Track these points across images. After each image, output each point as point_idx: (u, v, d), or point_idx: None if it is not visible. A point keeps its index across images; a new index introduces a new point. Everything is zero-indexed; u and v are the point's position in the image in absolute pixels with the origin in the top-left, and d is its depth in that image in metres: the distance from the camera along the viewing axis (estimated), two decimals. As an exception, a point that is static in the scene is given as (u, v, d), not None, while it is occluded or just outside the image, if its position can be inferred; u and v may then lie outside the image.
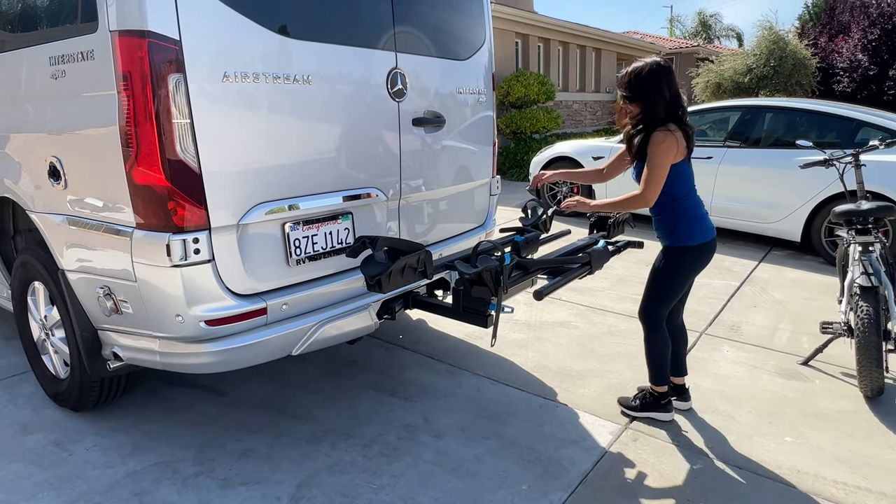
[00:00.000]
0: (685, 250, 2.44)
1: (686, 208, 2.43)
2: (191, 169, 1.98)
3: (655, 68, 2.33)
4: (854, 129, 5.30)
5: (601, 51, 18.13)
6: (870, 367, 2.77)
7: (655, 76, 2.32)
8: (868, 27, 13.78)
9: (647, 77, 2.32)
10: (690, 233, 2.42)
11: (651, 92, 2.32)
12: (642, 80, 2.33)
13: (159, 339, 2.16)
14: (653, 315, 2.56)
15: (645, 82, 2.33)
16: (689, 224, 2.42)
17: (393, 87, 2.58)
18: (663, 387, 2.63)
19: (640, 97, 2.35)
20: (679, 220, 2.43)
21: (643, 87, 2.33)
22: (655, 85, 2.32)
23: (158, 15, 1.87)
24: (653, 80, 2.32)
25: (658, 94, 2.31)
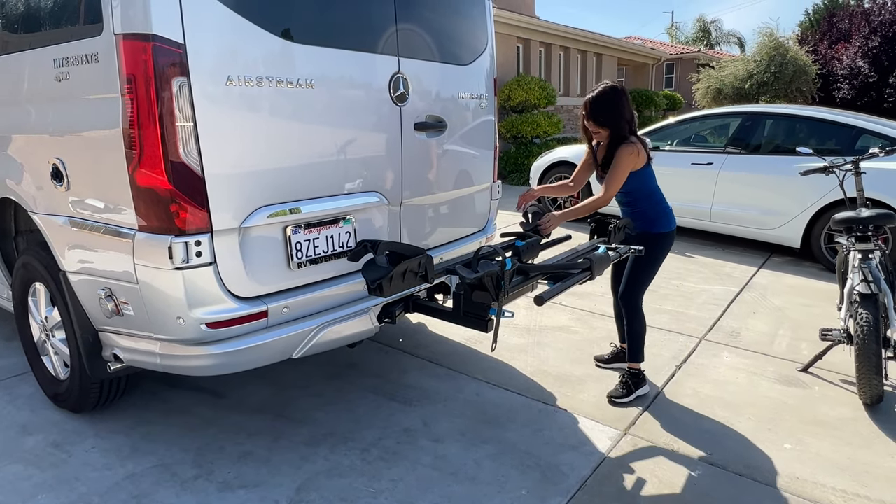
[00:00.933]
0: (666, 236, 2.83)
1: (661, 200, 2.86)
2: (193, 172, 1.98)
3: (616, 94, 2.70)
4: (854, 137, 5.31)
5: (602, 56, 18.18)
6: (869, 375, 2.77)
7: (619, 101, 2.70)
8: (868, 35, 13.84)
9: (612, 103, 2.70)
10: (668, 220, 2.84)
11: (618, 116, 2.71)
12: (608, 106, 2.70)
13: (160, 342, 2.16)
14: (637, 299, 2.89)
15: (611, 108, 2.70)
16: (667, 213, 2.85)
17: (395, 92, 2.59)
18: (640, 363, 2.93)
19: (608, 122, 2.72)
20: (658, 211, 2.84)
21: (611, 113, 2.71)
22: (620, 109, 2.71)
23: (163, 18, 1.88)
24: (618, 104, 2.70)
25: (622, 116, 2.70)
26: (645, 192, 2.82)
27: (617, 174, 2.69)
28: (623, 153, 2.67)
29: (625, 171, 2.69)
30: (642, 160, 2.74)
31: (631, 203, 2.87)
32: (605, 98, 2.70)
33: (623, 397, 2.88)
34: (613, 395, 2.91)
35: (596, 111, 2.72)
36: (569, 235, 3.25)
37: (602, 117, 2.72)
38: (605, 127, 2.73)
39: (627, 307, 2.89)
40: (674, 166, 6.10)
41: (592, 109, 2.73)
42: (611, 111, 2.71)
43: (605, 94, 2.71)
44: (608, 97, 2.70)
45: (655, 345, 3.58)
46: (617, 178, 2.70)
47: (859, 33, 14.04)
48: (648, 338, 3.68)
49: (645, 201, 2.84)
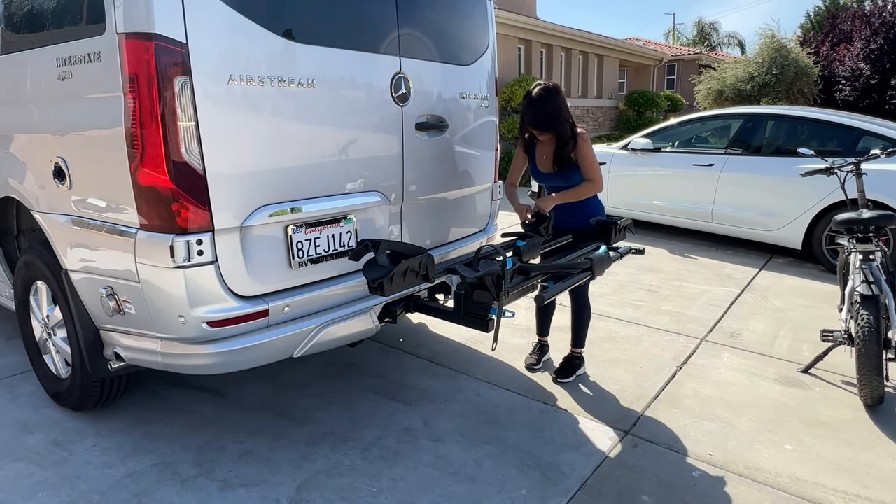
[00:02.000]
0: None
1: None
2: (195, 171, 1.99)
3: (554, 97, 2.71)
4: (855, 138, 5.31)
5: (603, 57, 18.18)
6: (870, 376, 2.77)
7: (559, 104, 2.72)
8: (870, 36, 13.83)
9: (555, 108, 2.71)
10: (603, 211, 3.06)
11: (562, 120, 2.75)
12: (552, 112, 2.71)
13: (161, 340, 2.16)
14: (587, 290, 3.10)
15: (555, 113, 2.72)
16: (600, 205, 3.05)
17: (397, 92, 2.60)
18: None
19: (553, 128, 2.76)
20: (597, 202, 3.03)
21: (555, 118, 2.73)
22: (562, 112, 2.74)
23: (166, 18, 1.88)
24: (559, 108, 2.72)
25: (566, 119, 2.76)
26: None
27: (594, 161, 2.83)
28: (586, 145, 2.81)
29: (594, 156, 2.85)
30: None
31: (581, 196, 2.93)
32: (545, 103, 2.71)
33: (571, 375, 3.13)
34: (561, 373, 3.13)
35: (538, 118, 2.73)
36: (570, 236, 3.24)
37: (545, 124, 2.74)
38: (550, 133, 2.78)
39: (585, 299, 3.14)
40: (675, 167, 6.10)
41: (534, 117, 2.73)
42: (555, 116, 2.72)
43: (543, 98, 2.71)
44: (548, 102, 2.71)
45: (656, 345, 3.58)
46: (596, 166, 2.85)
47: (860, 35, 14.03)
48: (650, 337, 3.69)
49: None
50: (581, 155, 2.80)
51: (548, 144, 2.88)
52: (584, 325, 3.16)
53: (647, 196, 6.27)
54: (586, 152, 2.79)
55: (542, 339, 3.39)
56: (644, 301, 4.39)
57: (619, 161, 6.46)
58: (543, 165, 2.94)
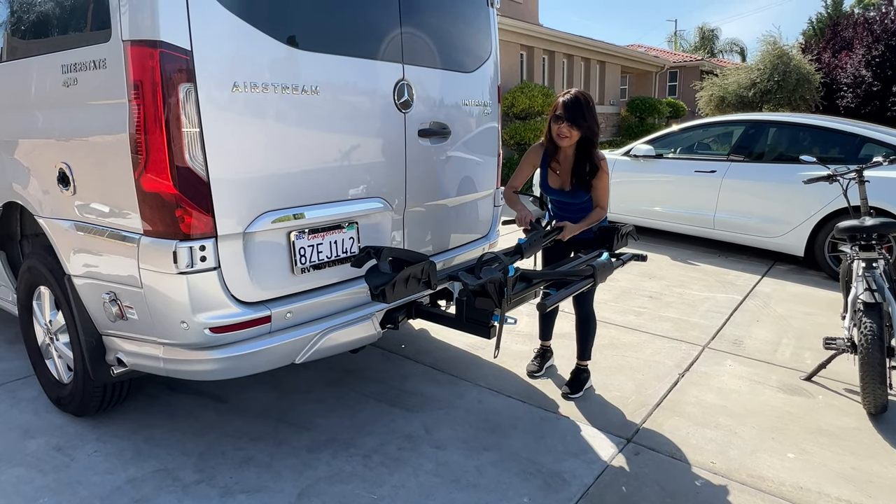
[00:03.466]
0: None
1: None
2: (199, 177, 1.99)
3: (590, 100, 2.76)
4: (858, 145, 5.31)
5: (605, 63, 18.24)
6: (873, 384, 2.76)
7: (593, 107, 2.76)
8: (872, 43, 13.84)
9: (589, 107, 2.74)
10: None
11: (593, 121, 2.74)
12: (587, 110, 2.73)
13: (163, 346, 2.17)
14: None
15: (590, 112, 2.73)
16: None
17: (400, 99, 2.61)
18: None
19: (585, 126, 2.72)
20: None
21: (591, 117, 2.74)
22: (594, 114, 2.75)
23: (171, 25, 1.90)
24: (593, 109, 2.75)
25: (596, 122, 2.76)
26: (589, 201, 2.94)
27: (607, 191, 2.86)
28: (605, 175, 2.82)
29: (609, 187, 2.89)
30: None
31: (583, 210, 2.92)
32: (583, 102, 2.74)
33: (581, 389, 3.05)
34: (572, 386, 3.06)
35: (575, 113, 2.72)
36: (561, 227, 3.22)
37: (582, 119, 2.72)
38: (581, 130, 2.74)
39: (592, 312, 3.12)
40: (677, 174, 6.10)
41: (571, 111, 2.72)
42: (590, 114, 2.73)
43: (581, 98, 2.75)
44: (585, 101, 2.74)
45: (659, 352, 3.57)
46: (607, 194, 2.88)
47: (862, 42, 14.05)
48: (652, 344, 3.68)
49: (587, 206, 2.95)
50: (599, 182, 2.82)
51: (567, 158, 2.84)
52: (589, 336, 3.10)
53: (650, 202, 6.27)
54: (604, 181, 2.83)
55: (545, 344, 3.36)
56: (646, 308, 4.39)
57: (622, 167, 6.47)
58: (555, 180, 2.91)
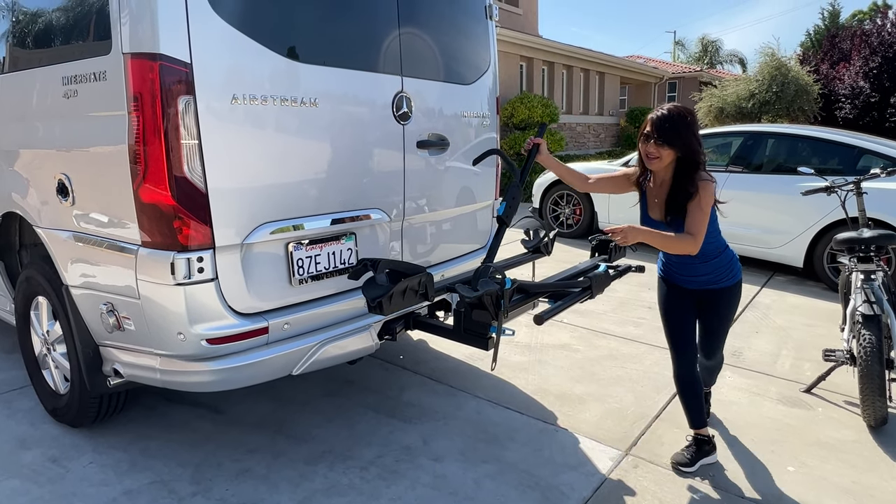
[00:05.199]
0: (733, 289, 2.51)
1: (725, 243, 2.50)
2: (197, 189, 2.00)
3: (690, 114, 2.28)
4: (856, 157, 5.33)
5: (604, 74, 18.33)
6: (873, 397, 2.75)
7: (693, 123, 2.28)
8: (869, 55, 13.93)
9: (686, 123, 2.24)
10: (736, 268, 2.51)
11: (691, 137, 2.25)
12: (682, 125, 2.24)
13: (160, 357, 2.16)
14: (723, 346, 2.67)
15: (685, 128, 2.24)
16: (733, 259, 2.50)
17: (398, 111, 2.62)
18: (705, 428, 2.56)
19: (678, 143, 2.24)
20: (724, 258, 2.45)
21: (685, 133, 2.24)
22: (694, 131, 2.27)
23: (170, 38, 1.91)
24: (692, 126, 2.26)
25: (697, 139, 2.26)
26: (716, 242, 2.41)
27: (704, 218, 2.26)
28: (707, 193, 2.24)
29: (707, 209, 2.25)
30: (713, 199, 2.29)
31: (703, 255, 2.36)
32: (676, 116, 2.24)
33: (687, 465, 2.47)
34: (678, 459, 2.51)
35: (666, 129, 2.23)
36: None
37: (675, 136, 2.23)
38: (675, 149, 2.24)
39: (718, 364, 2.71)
40: (676, 184, 6.11)
41: (660, 126, 2.23)
42: (687, 130, 2.24)
43: (674, 112, 2.26)
44: (680, 115, 2.25)
45: (658, 363, 3.56)
46: (704, 224, 2.26)
47: (860, 54, 14.14)
48: (651, 355, 3.67)
49: (714, 250, 2.40)
50: (693, 206, 2.25)
51: (663, 184, 2.35)
52: (687, 402, 2.51)
53: (648, 213, 6.28)
54: (707, 203, 2.24)
55: (700, 433, 2.53)
56: (645, 318, 4.38)
57: (620, 178, 6.48)
58: (655, 210, 2.41)
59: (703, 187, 2.24)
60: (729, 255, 2.47)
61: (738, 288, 2.52)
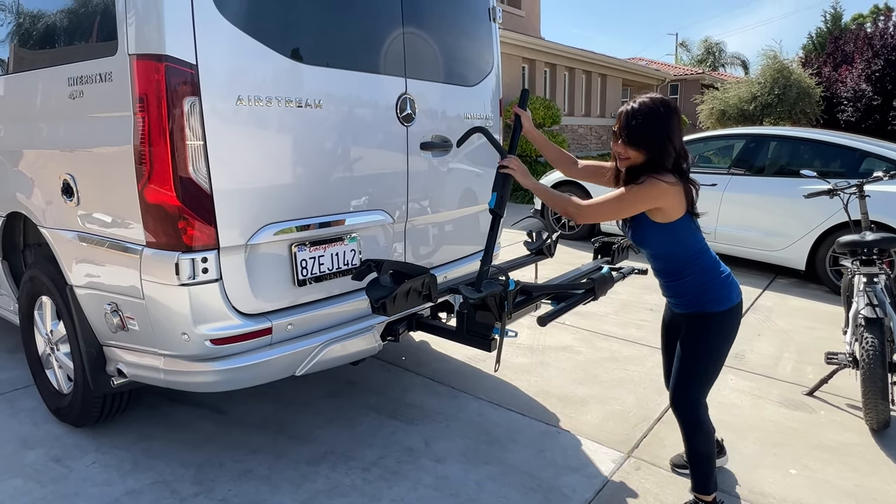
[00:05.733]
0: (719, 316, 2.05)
1: (710, 267, 2.05)
2: (202, 189, 2.01)
3: (667, 108, 1.95)
4: (858, 160, 5.33)
5: (606, 76, 18.35)
6: (875, 400, 2.75)
7: (668, 119, 1.94)
8: (872, 58, 13.93)
9: (657, 120, 1.93)
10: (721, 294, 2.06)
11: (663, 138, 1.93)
12: (653, 121, 1.93)
13: (164, 357, 2.17)
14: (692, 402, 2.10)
15: (655, 126, 1.93)
16: (719, 285, 2.05)
17: (402, 112, 2.63)
18: (711, 494, 2.13)
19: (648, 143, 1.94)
20: (707, 281, 2.04)
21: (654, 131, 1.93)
22: (667, 129, 1.94)
23: (176, 39, 1.92)
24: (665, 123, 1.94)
25: (668, 139, 1.93)
26: (683, 256, 2.03)
27: (617, 203, 1.97)
28: (646, 185, 1.92)
29: (628, 204, 1.96)
30: (674, 209, 1.95)
31: (669, 273, 2.09)
32: (647, 111, 1.93)
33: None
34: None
35: (631, 127, 1.95)
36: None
37: (638, 135, 1.94)
38: (641, 150, 1.95)
39: (679, 415, 2.13)
40: (678, 187, 6.12)
41: (627, 124, 1.96)
42: (656, 129, 1.93)
43: (646, 105, 1.94)
44: (651, 110, 1.93)
45: (659, 366, 3.55)
46: (611, 205, 1.99)
47: (862, 56, 14.15)
48: (653, 357, 3.67)
49: (686, 269, 2.04)
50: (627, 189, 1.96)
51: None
52: (695, 456, 2.13)
53: (650, 215, 6.28)
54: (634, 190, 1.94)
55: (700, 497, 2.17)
56: (647, 321, 4.38)
57: (622, 180, 6.48)
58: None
59: (646, 183, 1.92)
60: (699, 282, 2.04)
61: (704, 321, 2.05)
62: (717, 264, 2.09)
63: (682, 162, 1.99)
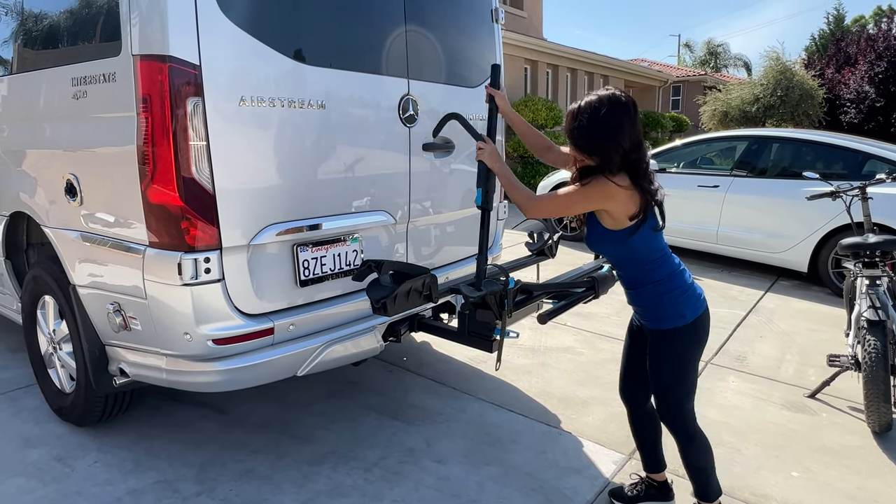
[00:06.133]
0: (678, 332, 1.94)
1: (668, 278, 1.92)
2: (205, 190, 2.01)
3: (612, 106, 1.78)
4: (861, 162, 5.32)
5: (609, 77, 18.33)
6: (878, 403, 2.74)
7: (614, 117, 1.77)
8: (875, 60, 13.91)
9: (601, 118, 1.78)
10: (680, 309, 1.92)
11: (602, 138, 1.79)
12: (595, 122, 1.79)
13: (166, 357, 2.17)
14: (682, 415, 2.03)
15: (599, 125, 1.78)
16: (676, 299, 1.91)
17: (404, 113, 2.63)
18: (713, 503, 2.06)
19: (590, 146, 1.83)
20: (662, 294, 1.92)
21: (596, 133, 1.80)
22: (609, 129, 1.77)
23: (180, 40, 1.92)
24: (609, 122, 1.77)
25: (612, 140, 1.78)
26: (637, 265, 1.91)
27: (565, 200, 1.86)
28: (594, 184, 1.80)
29: (574, 201, 1.85)
30: (622, 214, 1.81)
31: (625, 281, 2.02)
32: (590, 114, 1.80)
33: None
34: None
35: (572, 131, 1.85)
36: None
37: (578, 138, 1.83)
38: (585, 154, 1.86)
39: (669, 426, 2.06)
40: (680, 188, 6.11)
41: (569, 128, 1.86)
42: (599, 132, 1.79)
43: (592, 106, 1.80)
44: (594, 110, 1.79)
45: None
46: (558, 202, 1.89)
47: (865, 58, 14.13)
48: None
49: (640, 279, 1.94)
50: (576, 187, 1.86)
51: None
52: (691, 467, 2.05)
53: (652, 216, 6.27)
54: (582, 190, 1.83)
55: (653, 477, 2.28)
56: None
57: (624, 181, 6.48)
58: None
59: (595, 182, 1.80)
60: (656, 294, 1.91)
61: (666, 338, 1.94)
62: (676, 276, 1.92)
63: (636, 162, 1.80)
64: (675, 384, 2.03)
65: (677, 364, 2.00)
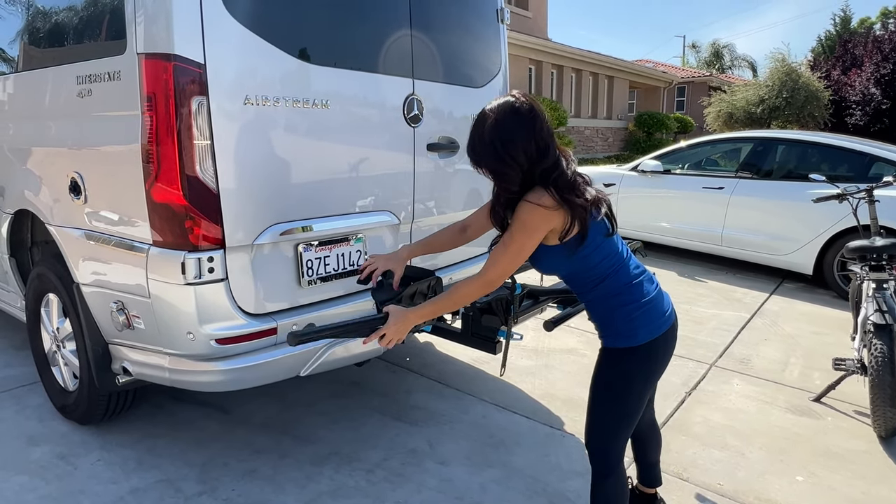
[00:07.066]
0: (628, 353, 1.69)
1: (622, 291, 1.67)
2: (209, 189, 2.01)
3: (502, 116, 1.57)
4: (867, 164, 5.29)
5: (613, 78, 18.31)
6: (884, 407, 2.72)
7: (503, 129, 1.56)
8: (881, 61, 13.85)
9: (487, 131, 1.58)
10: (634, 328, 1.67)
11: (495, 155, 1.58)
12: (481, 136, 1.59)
13: (169, 356, 2.17)
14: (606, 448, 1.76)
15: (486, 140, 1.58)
16: (631, 316, 1.67)
17: (409, 113, 2.62)
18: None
19: (481, 163, 1.63)
20: (614, 309, 1.68)
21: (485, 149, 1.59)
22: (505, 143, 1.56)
23: (185, 39, 1.92)
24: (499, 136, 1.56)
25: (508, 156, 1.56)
26: (590, 280, 1.68)
27: (510, 247, 1.59)
28: (522, 212, 1.56)
29: (520, 244, 1.59)
30: (550, 222, 1.56)
31: (583, 298, 1.76)
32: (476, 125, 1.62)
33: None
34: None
35: (468, 144, 1.64)
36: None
37: (470, 150, 1.64)
38: (482, 168, 1.64)
39: (592, 462, 1.80)
40: (685, 190, 6.10)
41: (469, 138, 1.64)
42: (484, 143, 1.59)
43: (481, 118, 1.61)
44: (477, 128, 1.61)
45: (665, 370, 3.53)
46: (508, 253, 1.60)
47: (871, 60, 14.06)
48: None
49: (591, 289, 1.70)
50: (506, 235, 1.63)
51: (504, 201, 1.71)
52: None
53: (657, 218, 6.26)
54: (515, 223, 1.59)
55: (640, 488, 2.20)
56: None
57: (629, 182, 6.47)
58: None
59: (521, 212, 1.57)
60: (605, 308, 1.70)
61: (606, 357, 1.73)
62: (634, 288, 1.68)
63: (546, 174, 1.56)
64: (608, 415, 1.74)
65: (616, 392, 1.72)
